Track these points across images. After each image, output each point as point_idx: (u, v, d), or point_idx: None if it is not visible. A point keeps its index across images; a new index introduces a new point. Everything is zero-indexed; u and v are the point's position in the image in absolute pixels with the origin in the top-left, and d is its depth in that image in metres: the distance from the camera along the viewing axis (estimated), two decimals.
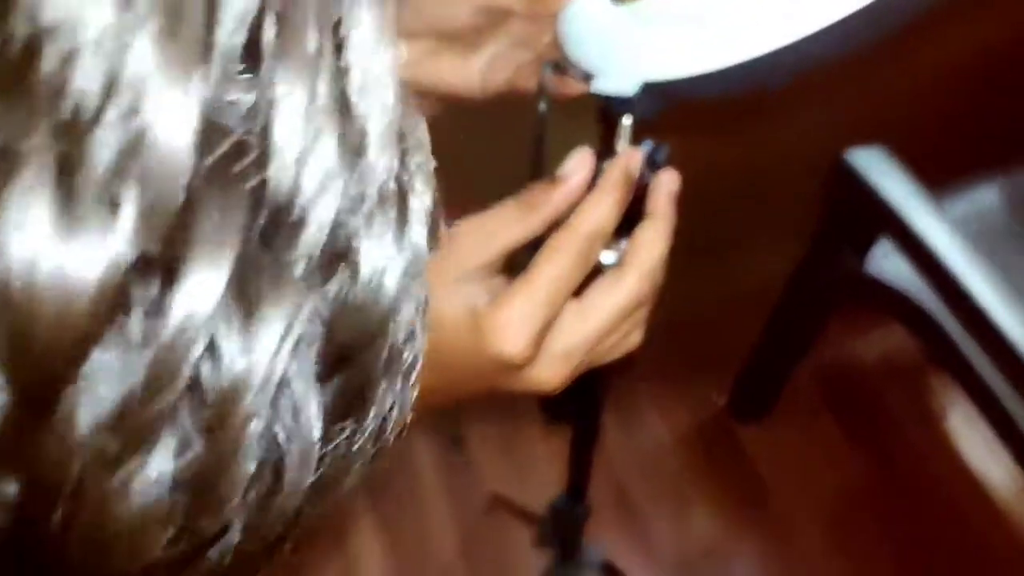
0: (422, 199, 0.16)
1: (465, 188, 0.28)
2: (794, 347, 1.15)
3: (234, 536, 0.15)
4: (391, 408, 0.17)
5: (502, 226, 0.38)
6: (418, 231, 0.16)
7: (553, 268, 0.36)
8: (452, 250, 0.37)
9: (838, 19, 0.34)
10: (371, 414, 0.16)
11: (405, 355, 0.17)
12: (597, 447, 0.64)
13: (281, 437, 0.14)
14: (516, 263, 0.39)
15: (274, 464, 0.14)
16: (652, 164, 0.41)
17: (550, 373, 0.37)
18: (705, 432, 1.30)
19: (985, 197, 1.02)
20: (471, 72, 0.42)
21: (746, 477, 1.24)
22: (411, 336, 0.17)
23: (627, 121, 0.39)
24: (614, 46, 0.39)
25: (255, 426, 0.13)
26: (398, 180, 0.15)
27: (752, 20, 0.36)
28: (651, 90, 0.38)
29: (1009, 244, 1.00)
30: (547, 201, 0.38)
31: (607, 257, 0.39)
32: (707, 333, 1.37)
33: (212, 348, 0.13)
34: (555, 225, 0.38)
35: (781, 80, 0.36)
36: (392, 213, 0.15)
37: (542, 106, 0.39)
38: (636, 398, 1.35)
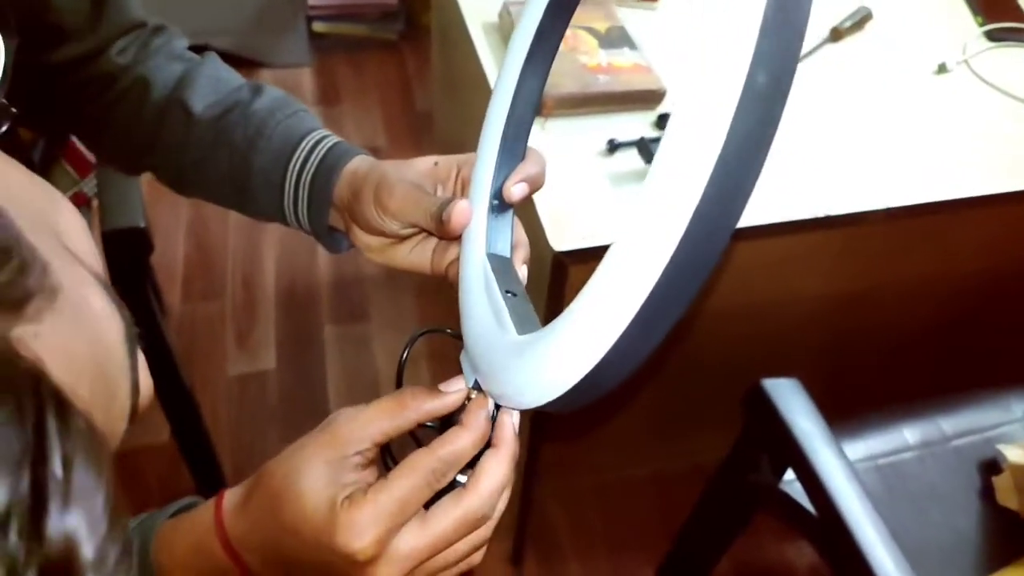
0: None
1: None
2: (715, 541, 1.20)
3: None
4: None
5: (376, 419, 0.42)
6: None
7: (406, 483, 0.40)
8: (331, 436, 0.42)
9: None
10: None
11: None
12: None
13: None
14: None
15: None
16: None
17: (388, 571, 0.40)
18: None
19: (901, 433, 1.10)
20: (421, 259, 0.56)
21: None
22: None
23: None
24: (476, 335, 0.45)
25: None
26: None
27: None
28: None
29: (917, 478, 1.07)
30: (419, 407, 0.43)
31: (461, 477, 0.44)
32: (642, 508, 1.42)
33: None
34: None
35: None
36: None
37: (404, 354, 0.47)
38: (566, 563, 1.40)
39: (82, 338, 0.23)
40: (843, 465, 0.91)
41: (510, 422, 0.43)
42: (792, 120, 1.07)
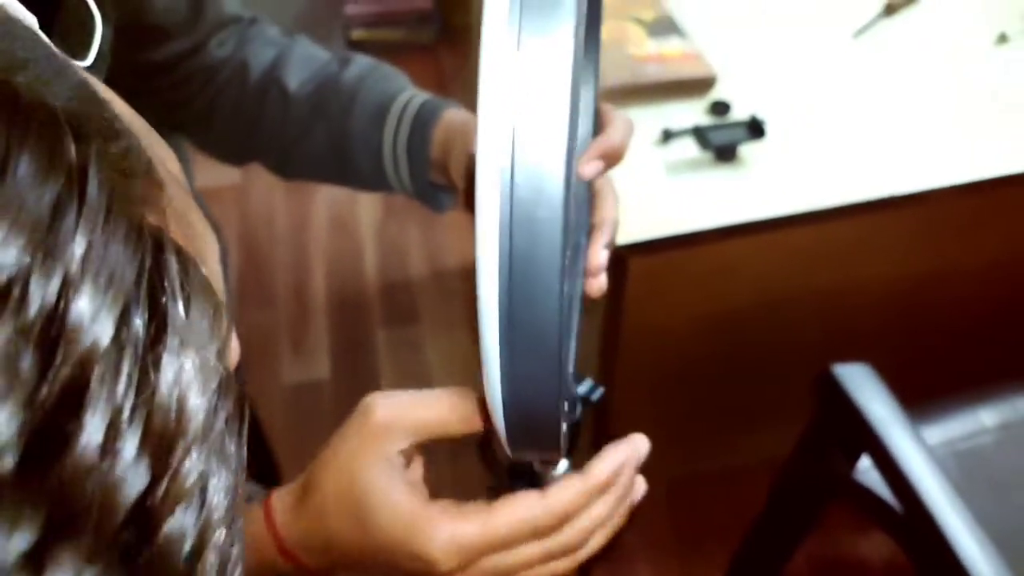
0: (222, 493, 0.19)
1: None
2: (787, 536, 1.17)
3: None
4: None
5: (426, 416, 0.40)
6: (217, 511, 0.19)
7: (517, 530, 0.38)
8: (373, 439, 0.39)
9: None
10: None
11: None
12: None
13: None
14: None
15: None
16: (587, 402, 0.44)
17: None
18: None
19: (979, 416, 1.06)
20: None
21: None
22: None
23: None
24: None
25: None
26: (201, 476, 0.18)
27: None
28: None
29: (997, 463, 1.04)
30: (467, 416, 0.39)
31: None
32: (711, 505, 1.40)
33: None
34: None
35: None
36: (194, 499, 0.18)
37: None
38: (634, 562, 1.38)
39: (185, 241, 0.22)
40: (922, 450, 0.88)
41: (612, 459, 0.40)
42: (850, 99, 1.04)
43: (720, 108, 1.01)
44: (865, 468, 0.98)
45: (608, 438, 1.18)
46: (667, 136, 0.96)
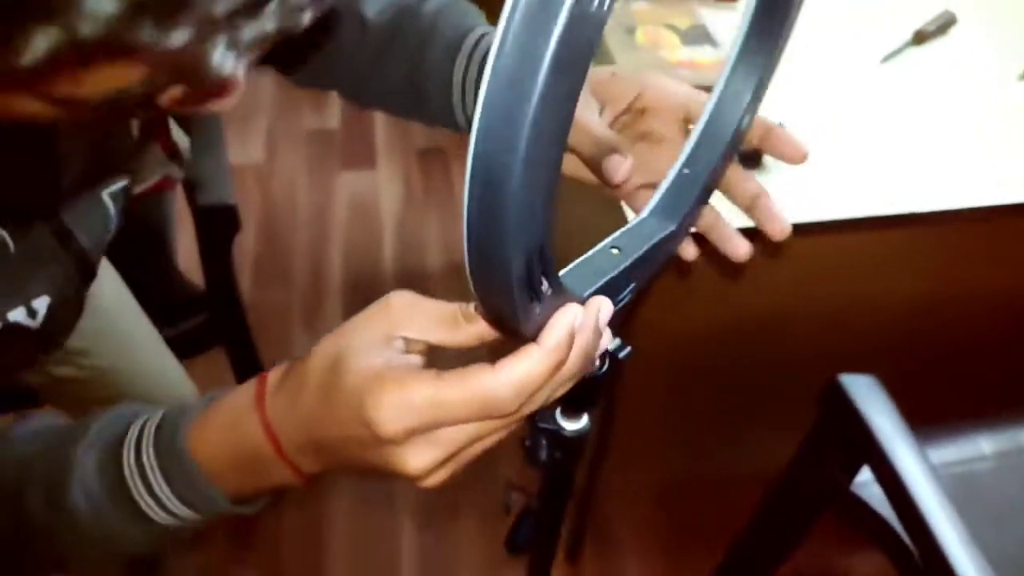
0: None
1: None
2: (779, 542, 1.19)
3: None
4: None
5: (435, 324, 0.40)
6: None
7: (468, 401, 0.36)
8: (385, 313, 0.40)
9: None
10: None
11: None
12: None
13: None
14: None
15: None
16: (613, 359, 0.44)
17: (415, 459, 0.37)
18: None
19: (977, 443, 1.08)
20: (588, 173, 0.56)
21: None
22: None
23: None
24: None
25: None
26: None
27: None
28: None
29: (993, 490, 1.05)
30: (479, 333, 0.40)
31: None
32: (704, 509, 1.41)
33: None
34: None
35: None
36: None
37: None
38: (624, 556, 1.40)
39: None
40: (925, 466, 0.90)
41: (565, 323, 0.35)
42: (873, 119, 1.06)
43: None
44: (863, 481, 1.00)
45: (609, 439, 1.19)
46: None
